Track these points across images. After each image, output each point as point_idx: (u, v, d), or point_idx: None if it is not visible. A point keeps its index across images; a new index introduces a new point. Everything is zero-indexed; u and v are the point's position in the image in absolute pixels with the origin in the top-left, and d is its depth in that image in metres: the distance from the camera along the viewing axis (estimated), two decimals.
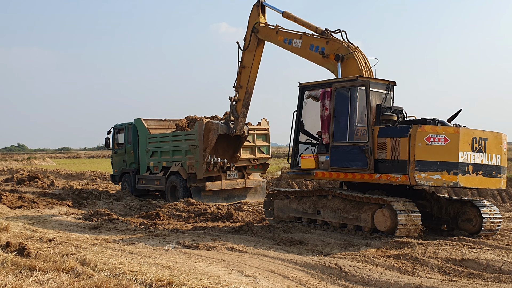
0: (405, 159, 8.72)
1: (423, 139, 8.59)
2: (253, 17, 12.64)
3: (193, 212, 13.21)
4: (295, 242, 8.85)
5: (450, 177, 8.61)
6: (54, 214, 13.19)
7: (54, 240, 8.80)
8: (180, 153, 15.60)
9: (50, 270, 6.46)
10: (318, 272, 6.75)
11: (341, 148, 9.74)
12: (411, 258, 7.37)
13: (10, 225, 10.22)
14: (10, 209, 14.13)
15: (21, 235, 9.27)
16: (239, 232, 10.03)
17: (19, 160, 53.54)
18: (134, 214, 13.30)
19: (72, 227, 11.18)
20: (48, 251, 7.72)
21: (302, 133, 10.90)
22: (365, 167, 9.24)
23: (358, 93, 9.60)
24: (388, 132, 9.09)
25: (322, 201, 10.21)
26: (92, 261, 7.01)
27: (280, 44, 11.74)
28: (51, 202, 15.20)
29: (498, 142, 9.28)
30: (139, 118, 17.51)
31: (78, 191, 18.02)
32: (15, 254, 7.41)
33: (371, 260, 7.32)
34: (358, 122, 9.66)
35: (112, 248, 8.51)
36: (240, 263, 7.31)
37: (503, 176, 9.46)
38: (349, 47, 10.35)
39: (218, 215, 12.37)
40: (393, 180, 8.91)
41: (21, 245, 7.70)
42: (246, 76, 12.97)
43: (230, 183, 15.31)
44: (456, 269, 6.93)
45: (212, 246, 8.47)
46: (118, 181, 19.24)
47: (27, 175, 24.28)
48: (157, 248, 8.50)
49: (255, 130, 15.71)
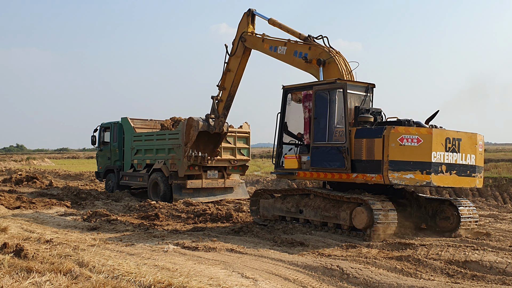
0: (380, 159, 9.02)
1: (396, 139, 8.87)
2: (242, 25, 13.14)
3: (192, 213, 13.10)
4: (295, 243, 8.75)
5: (423, 177, 8.90)
6: (52, 214, 13.06)
7: (52, 241, 8.68)
8: (163, 151, 16.34)
9: (47, 272, 6.34)
10: (320, 274, 6.65)
11: (321, 148, 10.03)
12: (414, 260, 7.27)
13: (8, 226, 10.10)
14: (8, 209, 14.01)
15: (18, 236, 9.16)
16: (239, 233, 9.93)
17: (17, 160, 53.35)
18: (133, 215, 13.18)
19: (71, 227, 11.06)
20: (45, 252, 7.61)
21: (286, 134, 11.25)
22: (343, 167, 9.53)
23: (337, 95, 9.87)
24: (364, 133, 9.37)
25: (304, 200, 10.48)
26: (90, 262, 6.89)
27: (266, 51, 12.19)
28: (49, 203, 15.07)
29: (473, 142, 9.55)
30: (126, 117, 18.28)
31: (76, 191, 17.91)
32: (12, 255, 7.29)
33: (373, 262, 7.22)
34: (337, 124, 9.94)
35: (110, 249, 8.40)
36: (240, 264, 7.21)
37: (479, 175, 9.76)
38: (330, 51, 10.72)
39: (218, 216, 12.26)
40: (369, 179, 9.21)
41: (18, 246, 7.58)
42: (231, 80, 13.60)
43: (210, 182, 15.99)
44: (460, 271, 6.83)
45: (212, 247, 8.36)
46: (103, 178, 19.83)
47: (26, 175, 24.16)
48: (156, 249, 8.39)
49: (236, 133, 16.48)
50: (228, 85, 13.72)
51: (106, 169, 19.41)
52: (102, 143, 19.83)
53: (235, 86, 13.73)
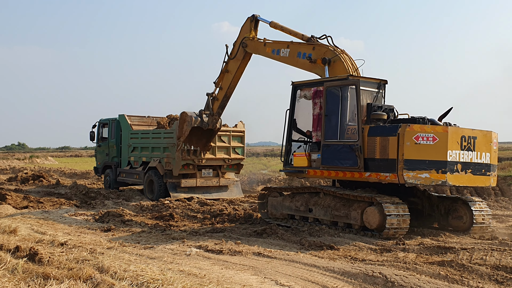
0: (394, 158, 8.80)
1: (411, 138, 8.66)
2: (245, 30, 12.88)
3: (208, 213, 12.61)
4: (324, 246, 8.24)
5: (439, 176, 8.71)
6: (62, 215, 12.55)
7: (66, 243, 8.18)
8: (159, 149, 16.36)
9: (65, 279, 5.85)
10: (361, 282, 6.12)
11: (332, 146, 9.84)
12: (458, 265, 6.75)
13: (17, 227, 9.61)
14: (16, 209, 13.53)
15: (30, 239, 8.66)
16: (262, 235, 9.40)
17: (20, 159, 52.78)
18: (147, 215, 12.69)
19: (83, 229, 10.57)
20: (61, 256, 7.11)
21: (295, 131, 11.04)
22: (355, 165, 9.33)
23: (349, 92, 9.69)
24: (378, 131, 9.17)
25: (314, 199, 10.30)
26: (110, 267, 6.39)
27: (269, 55, 12.05)
28: (58, 202, 14.58)
29: (488, 141, 9.35)
30: (123, 114, 18.26)
31: (85, 190, 17.41)
32: (25, 260, 6.79)
33: (414, 268, 6.70)
34: (349, 121, 9.75)
35: (129, 252, 7.91)
36: (271, 270, 6.70)
37: (493, 174, 9.58)
38: (335, 50, 10.56)
39: (236, 216, 11.77)
40: (382, 178, 9.00)
41: (32, 250, 7.08)
42: (228, 81, 13.46)
43: (204, 181, 16.00)
44: (509, 277, 6.31)
45: (237, 250, 7.84)
46: (101, 173, 19.92)
47: (32, 174, 23.70)
48: (178, 252, 7.89)
49: (231, 132, 16.43)
50: (225, 86, 13.63)
51: (104, 165, 19.53)
52: (101, 139, 19.92)
53: (232, 88, 13.63)
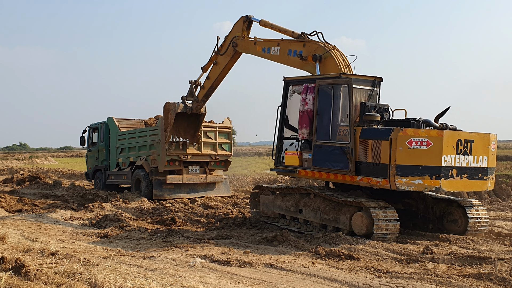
0: (386, 163, 8.44)
1: (404, 142, 8.31)
2: (237, 28, 12.67)
3: (213, 217, 11.84)
4: (343, 256, 7.45)
5: (433, 182, 8.39)
6: (57, 219, 11.77)
7: (57, 253, 7.40)
8: (145, 148, 16.24)
9: None
10: None
11: (324, 147, 9.49)
12: (497, 279, 5.99)
13: (7, 233, 8.86)
14: (9, 213, 12.78)
15: (19, 247, 7.89)
16: (272, 242, 8.60)
17: (20, 159, 51.96)
18: (147, 219, 11.92)
19: (78, 235, 9.80)
20: (50, 269, 6.34)
21: (287, 128, 10.64)
22: (347, 169, 9.00)
23: (341, 91, 9.34)
24: (370, 133, 8.80)
25: (304, 200, 9.99)
26: (104, 283, 5.63)
27: (259, 54, 11.86)
28: (53, 205, 13.78)
29: (486, 143, 8.98)
30: (111, 117, 18.17)
31: (83, 192, 16.65)
32: (10, 273, 6.04)
33: (448, 282, 5.94)
34: (341, 121, 9.39)
35: (126, 262, 7.14)
36: (287, 285, 5.93)
37: (491, 178, 9.25)
38: (325, 46, 10.33)
39: (243, 220, 10.98)
40: (374, 183, 8.69)
41: (18, 261, 6.30)
42: (216, 73, 13.45)
43: (191, 177, 15.61)
44: None
45: (247, 261, 7.06)
46: (91, 178, 19.69)
47: (28, 175, 22.93)
48: (181, 263, 7.12)
49: (217, 128, 16.16)
50: (212, 77, 13.61)
51: (95, 169, 19.34)
52: (91, 144, 19.79)
53: (219, 81, 13.66)
